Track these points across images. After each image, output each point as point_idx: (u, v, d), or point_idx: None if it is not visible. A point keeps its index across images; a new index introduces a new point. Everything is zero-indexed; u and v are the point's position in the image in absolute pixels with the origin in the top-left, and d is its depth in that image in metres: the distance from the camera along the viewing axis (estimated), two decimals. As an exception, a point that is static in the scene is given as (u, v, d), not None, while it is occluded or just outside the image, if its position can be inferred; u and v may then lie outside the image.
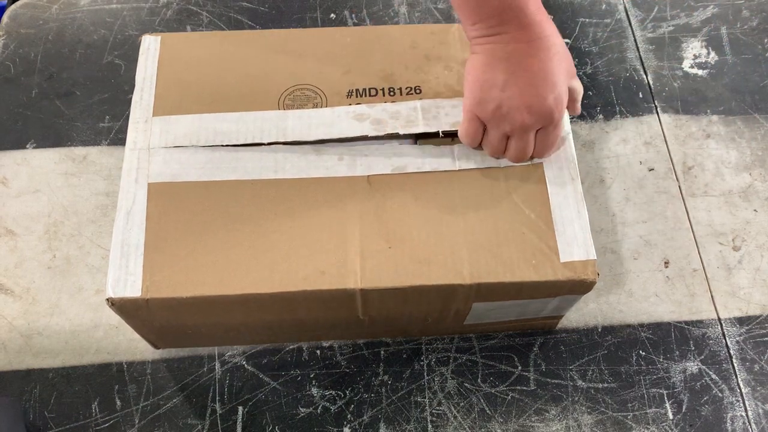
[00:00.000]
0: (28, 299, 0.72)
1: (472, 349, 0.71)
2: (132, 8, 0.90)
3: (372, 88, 0.66)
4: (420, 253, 0.58)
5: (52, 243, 0.75)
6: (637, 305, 0.73)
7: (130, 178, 0.61)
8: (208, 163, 0.62)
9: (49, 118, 0.82)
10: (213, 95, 0.65)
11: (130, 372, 0.69)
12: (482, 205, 0.61)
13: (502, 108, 0.58)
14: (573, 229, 0.60)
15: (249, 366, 0.69)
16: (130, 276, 0.57)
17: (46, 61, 0.86)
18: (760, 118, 0.84)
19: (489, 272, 0.58)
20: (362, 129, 0.63)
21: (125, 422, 0.67)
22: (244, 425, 0.67)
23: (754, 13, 0.92)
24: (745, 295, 0.74)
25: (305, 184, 0.61)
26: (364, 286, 0.57)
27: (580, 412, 0.68)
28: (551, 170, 0.62)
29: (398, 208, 0.60)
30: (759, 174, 0.81)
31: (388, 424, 0.67)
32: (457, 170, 0.62)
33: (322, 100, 0.65)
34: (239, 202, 0.60)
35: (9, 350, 0.70)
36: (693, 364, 0.70)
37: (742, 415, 0.68)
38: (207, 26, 0.90)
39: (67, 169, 0.78)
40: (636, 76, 0.87)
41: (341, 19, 0.91)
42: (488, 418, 0.67)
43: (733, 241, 0.77)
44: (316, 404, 0.68)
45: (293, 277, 0.57)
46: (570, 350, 0.71)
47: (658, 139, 0.83)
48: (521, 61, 0.57)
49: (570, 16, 0.92)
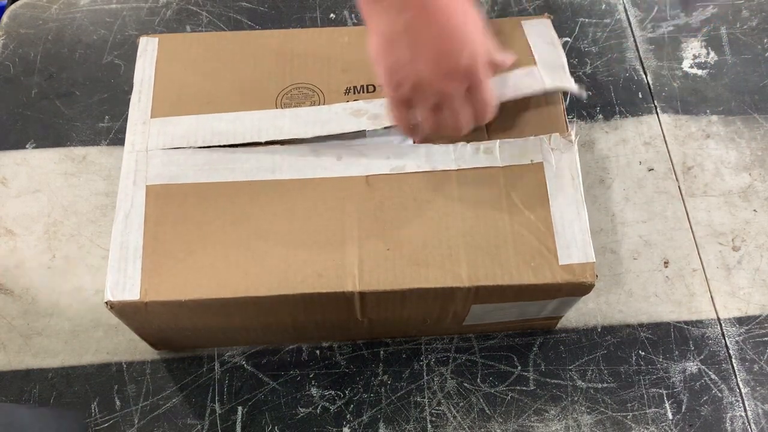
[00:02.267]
0: (28, 299, 0.72)
1: (472, 349, 0.71)
2: (131, 8, 0.90)
3: (370, 84, 0.66)
4: (418, 255, 0.58)
5: (52, 243, 0.75)
6: (637, 305, 0.73)
7: (129, 181, 0.61)
8: (206, 165, 0.62)
9: (48, 118, 0.82)
10: (210, 96, 0.65)
11: (129, 372, 0.69)
12: (481, 206, 0.61)
13: (419, 83, 0.55)
14: (572, 230, 0.60)
15: (248, 366, 0.69)
16: (128, 279, 0.57)
17: (45, 61, 0.86)
18: (759, 118, 0.84)
19: (487, 275, 0.58)
20: (360, 124, 0.63)
21: (125, 422, 0.67)
22: (244, 425, 0.67)
23: (753, 13, 0.92)
24: (745, 295, 0.74)
25: (303, 184, 0.61)
26: (362, 289, 0.57)
27: (579, 412, 0.68)
28: (551, 171, 0.62)
29: (396, 209, 0.60)
30: (758, 174, 0.81)
31: (388, 424, 0.67)
32: (455, 170, 0.62)
33: (319, 98, 0.65)
34: (237, 204, 0.60)
35: (8, 350, 0.70)
36: (692, 364, 0.70)
37: (742, 415, 0.68)
38: (207, 26, 0.90)
39: (67, 169, 0.79)
40: (635, 76, 0.87)
41: (341, 19, 0.91)
42: (488, 418, 0.67)
43: (732, 241, 0.77)
44: (316, 404, 0.68)
45: (291, 280, 0.57)
46: (569, 350, 0.71)
47: (658, 139, 0.83)
48: (421, 30, 0.53)
49: (570, 16, 0.92)
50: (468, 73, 0.55)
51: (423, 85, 0.55)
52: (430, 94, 0.55)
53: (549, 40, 0.68)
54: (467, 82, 0.55)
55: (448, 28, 0.53)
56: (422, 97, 0.56)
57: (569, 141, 0.63)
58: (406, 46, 0.54)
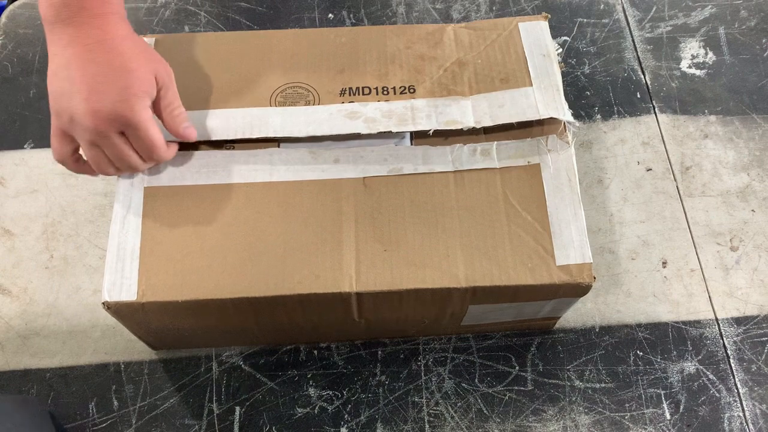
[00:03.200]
0: (26, 299, 0.72)
1: (470, 349, 0.71)
2: (130, 8, 0.90)
3: (365, 87, 0.66)
4: (415, 256, 0.58)
5: (50, 243, 0.75)
6: (635, 305, 0.73)
7: (126, 182, 0.61)
8: (204, 167, 0.62)
9: (47, 118, 0.81)
10: (204, 94, 0.65)
11: (127, 372, 0.69)
12: (478, 207, 0.61)
13: (73, 118, 0.54)
14: (569, 231, 0.60)
15: (246, 366, 0.69)
16: (125, 280, 0.57)
17: (44, 61, 0.86)
18: (757, 119, 0.84)
19: (484, 275, 0.58)
20: (354, 127, 0.62)
21: (122, 422, 0.67)
22: (241, 425, 0.67)
23: (752, 13, 0.92)
24: (743, 296, 0.74)
25: (300, 186, 0.61)
26: (359, 290, 0.57)
27: (577, 412, 0.68)
28: (548, 172, 0.62)
29: (394, 211, 0.60)
30: (757, 174, 0.81)
31: (385, 424, 0.67)
32: (453, 171, 0.62)
33: (314, 98, 0.65)
34: (234, 206, 0.60)
35: (6, 350, 0.70)
36: (690, 365, 0.70)
37: (740, 415, 0.68)
38: (205, 26, 0.90)
39: (65, 170, 0.78)
40: (634, 76, 0.87)
41: (339, 19, 0.91)
42: (485, 419, 0.67)
43: (730, 242, 0.77)
44: (314, 404, 0.68)
45: (288, 281, 0.57)
46: (567, 350, 0.71)
47: (656, 139, 0.83)
48: (81, 66, 0.54)
49: (568, 16, 0.92)
50: (118, 116, 0.54)
51: (75, 120, 0.55)
52: (83, 130, 0.55)
53: (545, 51, 0.67)
54: (119, 124, 0.55)
55: (106, 68, 0.54)
56: (78, 132, 0.56)
57: (566, 142, 0.63)
58: (66, 79, 0.54)
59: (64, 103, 0.55)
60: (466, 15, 0.92)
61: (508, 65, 0.66)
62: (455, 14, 0.92)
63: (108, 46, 0.55)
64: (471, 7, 0.92)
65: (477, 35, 0.69)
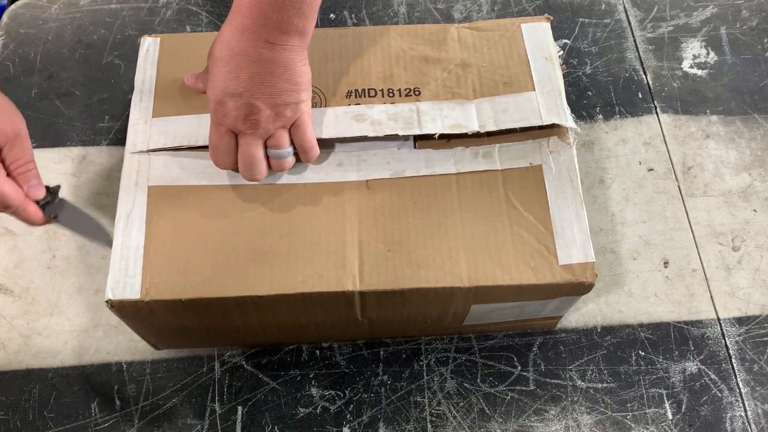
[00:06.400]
0: (28, 299, 0.72)
1: (472, 349, 0.71)
2: (132, 8, 0.90)
3: (371, 89, 0.66)
4: (418, 256, 0.58)
5: (52, 243, 0.75)
6: (637, 305, 0.73)
7: (130, 181, 0.61)
8: (208, 167, 0.62)
9: (48, 118, 0.82)
10: None
11: (129, 372, 0.69)
12: (480, 208, 0.61)
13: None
14: (572, 231, 0.60)
15: (248, 366, 0.69)
16: (129, 278, 0.57)
17: (45, 61, 0.86)
18: (759, 118, 0.84)
19: (487, 275, 0.58)
20: (361, 129, 0.62)
21: (124, 422, 0.67)
22: (244, 425, 0.67)
23: (753, 13, 0.92)
24: (745, 296, 0.74)
25: (304, 188, 0.61)
26: (362, 289, 0.57)
27: (579, 412, 0.68)
28: (550, 173, 0.62)
29: (397, 212, 0.60)
30: (758, 174, 0.81)
31: (388, 424, 0.67)
32: (455, 173, 0.62)
33: (321, 100, 0.65)
34: (238, 206, 0.60)
35: (8, 350, 0.70)
36: (692, 364, 0.70)
37: (742, 415, 0.68)
38: (207, 26, 0.90)
39: (67, 169, 0.79)
40: (635, 76, 0.87)
41: (341, 19, 0.91)
42: (487, 418, 0.67)
43: (732, 242, 0.77)
44: (316, 404, 0.68)
45: (291, 280, 0.57)
46: (569, 350, 0.71)
47: (658, 139, 0.83)
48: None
49: (569, 16, 0.92)
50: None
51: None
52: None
53: (547, 54, 0.67)
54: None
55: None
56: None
57: (567, 144, 0.63)
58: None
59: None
60: (467, 15, 0.92)
61: (511, 68, 0.67)
62: (456, 14, 0.92)
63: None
64: (472, 8, 0.92)
65: (480, 36, 0.69)
